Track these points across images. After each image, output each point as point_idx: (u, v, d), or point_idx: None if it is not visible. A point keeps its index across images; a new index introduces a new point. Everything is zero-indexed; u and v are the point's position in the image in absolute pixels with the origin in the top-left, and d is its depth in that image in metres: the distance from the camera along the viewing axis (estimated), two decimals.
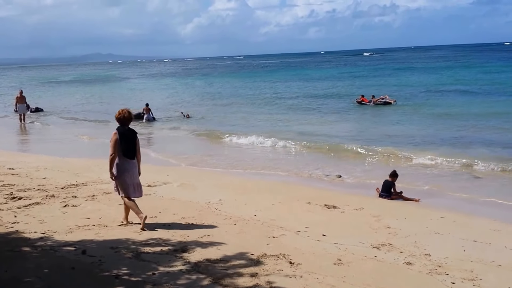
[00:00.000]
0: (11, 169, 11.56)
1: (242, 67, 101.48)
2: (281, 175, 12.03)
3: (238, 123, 21.96)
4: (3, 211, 7.84)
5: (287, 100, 31.69)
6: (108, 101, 36.09)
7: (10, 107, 30.11)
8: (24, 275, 5.18)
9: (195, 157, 14.62)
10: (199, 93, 40.58)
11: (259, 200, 9.17)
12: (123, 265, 5.61)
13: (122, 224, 7.41)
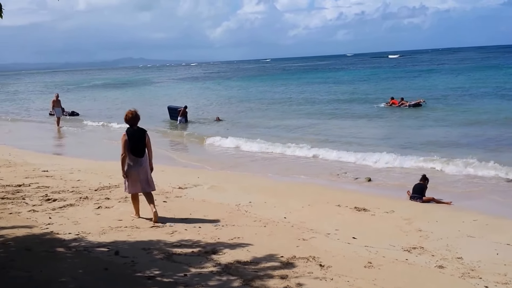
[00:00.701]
0: (46, 171, 11.85)
1: (268, 71, 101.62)
2: (311, 178, 11.97)
3: (266, 127, 21.93)
4: (38, 213, 8.04)
5: (314, 103, 31.37)
6: (139, 104, 36.63)
7: (45, 111, 31.00)
8: (59, 275, 5.29)
9: (225, 160, 14.73)
10: (225, 96, 40.81)
11: (288, 203, 9.16)
12: (155, 266, 5.69)
13: (134, 218, 7.88)
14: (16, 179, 10.72)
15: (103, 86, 71.16)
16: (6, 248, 6.12)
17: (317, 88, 44.78)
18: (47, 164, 12.92)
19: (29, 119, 29.14)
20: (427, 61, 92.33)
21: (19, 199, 8.86)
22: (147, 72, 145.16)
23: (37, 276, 5.20)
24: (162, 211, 8.36)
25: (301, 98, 35.22)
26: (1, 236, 6.61)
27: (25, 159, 13.83)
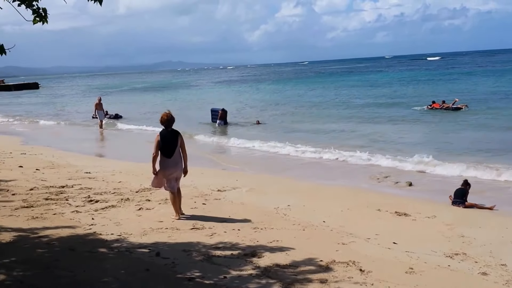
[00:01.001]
0: (88, 173, 12.13)
1: (306, 73, 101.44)
2: (350, 182, 11.83)
3: (304, 130, 21.79)
4: (81, 213, 8.22)
5: (352, 107, 30.94)
6: (177, 107, 37.19)
7: (85, 114, 31.86)
8: (102, 275, 5.39)
9: (263, 164, 14.75)
10: (262, 100, 40.89)
11: (327, 206, 9.09)
12: (196, 267, 5.73)
13: (174, 220, 8.01)
14: (60, 180, 11.02)
15: (143, 89, 72.60)
16: (51, 248, 6.28)
17: (355, 91, 44.34)
18: (89, 165, 13.24)
19: (72, 122, 29.91)
20: (468, 63, 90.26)
21: (62, 200, 9.09)
22: (185, 75, 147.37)
23: (80, 276, 5.31)
24: (201, 213, 8.47)
25: (339, 102, 34.96)
26: (45, 236, 6.78)
27: (68, 160, 14.22)
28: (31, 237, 6.71)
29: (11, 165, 12.96)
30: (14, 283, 4.94)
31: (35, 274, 5.25)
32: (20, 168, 12.58)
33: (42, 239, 6.61)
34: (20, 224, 7.31)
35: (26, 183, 10.48)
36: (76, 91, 76.08)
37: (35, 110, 40.16)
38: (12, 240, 6.50)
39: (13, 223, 7.34)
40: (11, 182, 10.56)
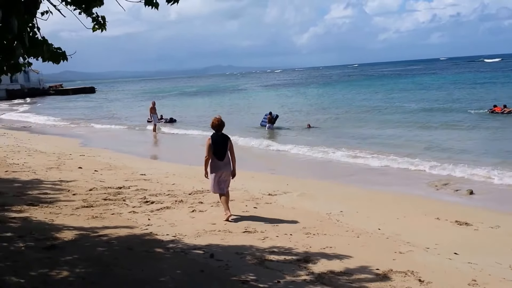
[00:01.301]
0: (143, 175, 12.44)
1: (355, 76, 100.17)
2: (406, 188, 11.51)
3: (355, 135, 21.44)
4: (138, 214, 8.44)
5: (405, 112, 30.05)
6: (226, 111, 37.67)
7: (141, 117, 32.72)
8: (158, 275, 5.49)
9: (314, 168, 14.67)
10: (310, 104, 40.74)
11: (382, 213, 8.91)
12: (249, 271, 5.75)
13: (226, 217, 8.26)
14: (117, 181, 11.37)
15: (194, 93, 73.95)
16: (110, 247, 6.47)
17: (408, 94, 43.28)
18: (144, 168, 13.58)
19: (126, 125, 30.81)
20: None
21: (120, 201, 9.36)
22: (233, 79, 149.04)
23: (138, 275, 5.43)
24: (253, 217, 8.53)
25: (391, 106, 34.16)
26: (105, 235, 7.00)
27: (124, 162, 14.65)
28: (91, 235, 6.94)
29: (71, 166, 13.50)
30: (76, 280, 5.12)
31: (96, 271, 5.42)
32: (79, 169, 13.08)
33: (102, 238, 6.83)
34: (81, 223, 7.59)
35: (86, 184, 10.88)
36: (129, 95, 78.51)
37: (91, 113, 41.76)
38: (74, 238, 6.75)
39: (75, 222, 7.63)
40: (71, 182, 11.00)
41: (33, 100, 68.02)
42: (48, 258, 5.69)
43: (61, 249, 6.11)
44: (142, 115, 34.27)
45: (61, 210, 8.30)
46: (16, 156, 15.36)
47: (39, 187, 10.36)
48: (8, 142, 19.61)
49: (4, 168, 12.71)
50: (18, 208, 8.18)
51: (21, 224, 7.24)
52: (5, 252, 5.78)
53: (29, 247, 6.11)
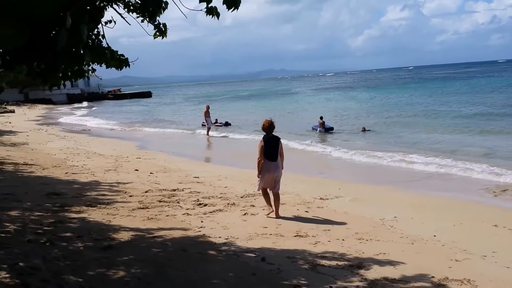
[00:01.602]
0: (197, 177, 12.65)
1: (409, 79, 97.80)
2: (463, 195, 11.12)
3: (410, 140, 20.88)
4: (191, 216, 8.57)
5: (461, 116, 28.85)
6: (279, 114, 37.70)
7: (195, 120, 33.32)
8: (211, 276, 5.52)
9: (367, 173, 14.48)
10: (361, 107, 40.23)
11: (438, 220, 8.65)
12: (301, 275, 5.73)
13: (270, 213, 8.81)
14: (171, 184, 11.61)
15: (247, 97, 74.67)
16: (165, 248, 6.59)
17: (464, 98, 41.76)
18: (198, 170, 13.80)
19: (182, 128, 31.44)
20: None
21: (174, 203, 9.54)
22: (283, 83, 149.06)
23: (191, 276, 5.50)
24: (304, 221, 8.51)
25: (446, 110, 33.09)
26: (160, 236, 7.14)
27: (178, 165, 14.94)
28: (146, 236, 7.09)
29: (128, 169, 13.91)
30: (132, 280, 5.21)
31: (151, 272, 5.50)
32: (136, 171, 13.46)
33: (157, 239, 6.97)
34: (137, 224, 7.78)
35: (142, 186, 11.17)
36: (184, 99, 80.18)
37: (147, 117, 42.97)
38: (130, 239, 6.91)
39: (131, 223, 7.82)
40: (128, 184, 11.33)
41: (92, 104, 70.71)
42: (105, 258, 5.83)
43: (118, 250, 6.25)
44: (196, 118, 34.91)
45: (118, 211, 8.53)
46: (75, 158, 15.96)
47: (97, 188, 10.71)
48: (68, 145, 20.37)
49: (64, 170, 13.22)
50: (77, 209, 8.46)
51: (80, 224, 7.47)
52: (64, 251, 5.93)
53: (87, 247, 6.28)
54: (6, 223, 7.00)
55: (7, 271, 4.87)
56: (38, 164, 13.95)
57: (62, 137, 24.95)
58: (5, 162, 13.92)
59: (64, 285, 4.73)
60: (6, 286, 4.44)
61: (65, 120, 42.18)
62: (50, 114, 50.89)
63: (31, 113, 51.66)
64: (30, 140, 21.82)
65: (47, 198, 9.19)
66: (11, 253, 5.54)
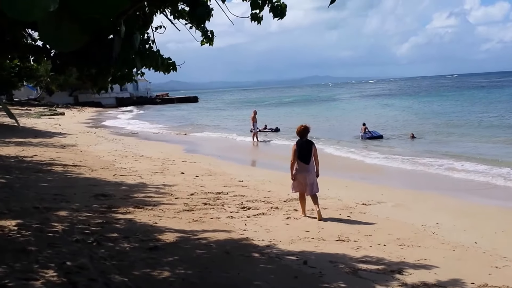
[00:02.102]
0: (241, 181, 12.83)
1: (452, 87, 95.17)
2: (506, 203, 10.91)
3: (459, 147, 20.44)
4: (235, 219, 8.72)
5: (506, 126, 27.81)
6: (322, 120, 37.57)
7: (241, 126, 33.59)
8: (254, 278, 5.64)
9: (411, 179, 14.32)
10: (406, 114, 39.54)
11: (480, 227, 8.54)
12: (342, 279, 5.80)
13: (301, 216, 9.13)
14: (216, 187, 11.82)
15: (292, 103, 74.62)
16: (209, 250, 6.76)
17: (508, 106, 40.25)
18: (242, 174, 13.98)
19: (227, 133, 31.82)
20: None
21: (219, 206, 9.74)
22: (327, 90, 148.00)
23: (234, 278, 5.63)
24: (346, 226, 8.53)
25: (491, 119, 32.02)
26: (204, 238, 7.33)
27: (223, 169, 15.18)
28: (191, 238, 7.29)
29: (174, 172, 14.23)
30: (177, 280, 5.37)
31: (195, 273, 5.65)
32: (181, 174, 13.77)
33: (201, 241, 7.15)
34: (183, 226, 7.99)
35: (187, 189, 11.42)
36: (230, 104, 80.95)
37: (194, 121, 43.68)
38: (175, 240, 7.09)
39: (176, 224, 8.04)
40: (174, 187, 11.61)
41: (140, 108, 72.36)
42: (151, 259, 6.00)
43: (163, 250, 6.42)
44: (241, 123, 35.22)
45: (164, 213, 8.75)
46: (123, 160, 16.35)
47: (144, 190, 11.00)
48: (116, 147, 20.87)
49: (112, 172, 13.59)
50: (124, 210, 8.69)
51: (126, 225, 7.68)
52: (111, 251, 6.11)
53: (134, 247, 6.46)
54: (54, 223, 7.28)
55: (55, 270, 5.07)
56: (87, 165, 14.41)
57: (111, 139, 25.59)
58: (55, 163, 14.45)
59: (110, 284, 4.87)
60: (53, 285, 4.62)
61: (114, 123, 43.40)
62: (99, 117, 52.40)
63: (80, 115, 53.26)
64: (79, 142, 22.44)
65: (95, 199, 9.51)
66: (59, 253, 5.76)
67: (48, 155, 16.35)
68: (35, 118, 40.90)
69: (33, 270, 5.00)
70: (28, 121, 36.02)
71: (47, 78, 62.03)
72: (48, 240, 6.31)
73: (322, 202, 10.09)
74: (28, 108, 53.73)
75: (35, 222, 7.18)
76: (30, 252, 5.67)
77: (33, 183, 10.83)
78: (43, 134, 25.74)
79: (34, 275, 4.83)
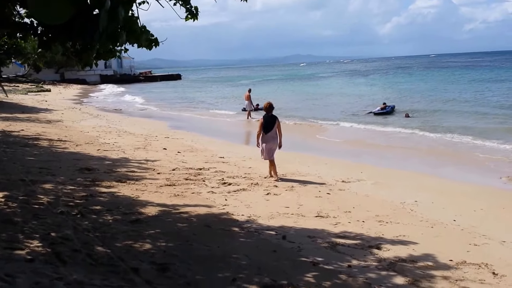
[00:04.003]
0: (222, 157, 12.93)
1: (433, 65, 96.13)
2: (485, 180, 11.14)
3: (454, 126, 20.53)
4: (216, 194, 8.80)
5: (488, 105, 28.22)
6: (303, 98, 37.63)
7: (223, 103, 33.47)
8: (233, 251, 5.70)
9: (393, 157, 14.57)
10: (388, 93, 39.89)
11: (459, 205, 8.70)
12: (320, 254, 5.88)
13: (270, 178, 10.45)
14: (198, 163, 11.88)
15: (277, 80, 74.57)
16: (190, 224, 6.81)
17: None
18: (224, 151, 14.06)
19: (211, 110, 31.76)
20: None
21: (200, 181, 9.80)
22: (308, 68, 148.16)
23: (214, 251, 5.67)
24: (326, 202, 8.63)
25: (472, 99, 32.44)
26: (185, 212, 7.38)
27: (205, 145, 15.24)
28: (173, 212, 7.34)
29: (157, 147, 14.28)
30: (158, 252, 5.38)
31: (176, 245, 5.68)
32: (164, 150, 13.81)
33: (182, 215, 7.20)
34: (164, 200, 8.04)
35: (169, 164, 11.46)
36: (214, 82, 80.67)
37: (178, 99, 43.45)
38: (157, 213, 7.13)
39: (158, 198, 8.08)
40: (156, 162, 11.64)
41: (124, 86, 71.60)
42: (133, 231, 6.03)
43: (145, 223, 6.47)
44: (224, 101, 35.12)
45: (146, 187, 8.80)
46: (107, 136, 16.46)
47: (127, 165, 11.03)
48: (100, 123, 20.99)
49: (96, 146, 13.65)
50: (107, 184, 8.74)
51: (109, 198, 7.73)
52: (94, 223, 6.16)
53: (116, 220, 6.50)
54: (40, 195, 7.31)
55: (40, 240, 5.08)
56: (72, 140, 14.47)
57: (95, 116, 25.64)
58: (41, 138, 14.49)
59: (93, 255, 4.89)
60: (38, 255, 4.62)
61: (98, 99, 43.20)
62: (84, 94, 52.03)
63: (66, 92, 52.97)
64: (65, 118, 22.60)
65: (80, 173, 9.55)
66: (44, 224, 5.78)
67: (35, 130, 16.41)
68: (23, 95, 41.04)
69: (19, 240, 5.00)
70: (15, 97, 36.22)
71: (35, 56, 62.37)
72: (33, 211, 6.32)
73: (302, 178, 10.36)
74: (16, 85, 53.61)
75: (21, 194, 7.18)
76: (16, 223, 5.66)
77: (20, 156, 10.83)
78: (30, 110, 25.87)
79: (20, 245, 4.84)
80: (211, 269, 4.94)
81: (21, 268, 4.15)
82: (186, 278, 4.59)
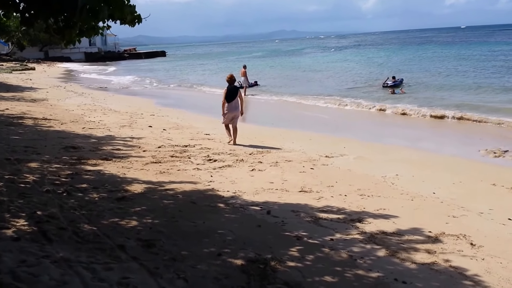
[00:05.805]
0: (207, 134, 13.01)
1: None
2: (464, 153, 11.39)
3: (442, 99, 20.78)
4: (202, 171, 8.89)
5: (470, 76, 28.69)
6: (293, 72, 37.53)
7: (206, 80, 33.25)
8: (218, 227, 5.78)
9: (378, 131, 14.78)
10: (368, 69, 39.83)
11: (438, 178, 8.89)
12: (303, 228, 6.01)
13: (230, 141, 11.87)
14: (183, 140, 11.93)
15: (263, 57, 74.08)
16: (176, 200, 6.88)
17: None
18: (209, 128, 14.09)
19: (195, 85, 31.68)
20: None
21: (185, 158, 9.86)
22: (293, 43, 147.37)
23: (200, 226, 5.76)
24: (309, 177, 8.75)
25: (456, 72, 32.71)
26: (171, 189, 7.45)
27: (191, 122, 15.26)
28: (158, 189, 7.39)
29: (142, 125, 14.27)
30: (144, 229, 5.45)
31: (162, 222, 5.76)
32: (149, 128, 13.82)
33: (168, 192, 7.27)
34: (150, 177, 8.09)
35: (155, 141, 11.50)
36: (200, 59, 79.87)
37: (164, 76, 43.05)
38: (143, 191, 7.18)
39: (144, 176, 8.13)
40: (142, 139, 11.66)
41: (109, 63, 70.72)
42: (119, 208, 6.09)
43: (131, 201, 6.53)
44: (209, 77, 34.83)
45: (132, 165, 8.84)
46: (92, 114, 16.39)
47: (112, 143, 11.03)
48: (85, 101, 20.84)
49: (81, 125, 13.60)
50: (93, 162, 8.75)
51: (95, 176, 7.74)
52: (80, 201, 6.19)
53: (102, 198, 6.54)
54: (25, 174, 7.31)
55: (26, 219, 5.12)
56: (57, 119, 14.39)
57: (80, 93, 25.43)
58: (25, 116, 14.38)
59: (79, 233, 4.94)
60: (24, 233, 4.66)
61: (83, 77, 42.79)
62: (69, 72, 51.41)
63: (50, 70, 52.23)
64: (50, 96, 22.39)
65: (65, 151, 9.53)
66: (30, 202, 5.80)
67: (19, 108, 16.27)
68: (7, 73, 40.42)
69: (5, 219, 5.03)
70: (0, 76, 35.62)
71: (19, 34, 61.59)
72: (19, 190, 6.33)
73: (287, 154, 10.44)
74: (0, 63, 52.41)
75: (6, 173, 7.16)
76: (2, 202, 5.67)
77: (5, 135, 10.77)
78: (14, 89, 25.60)
79: (6, 224, 4.87)
80: (196, 245, 5.03)
81: (7, 247, 4.20)
82: (171, 254, 4.67)
